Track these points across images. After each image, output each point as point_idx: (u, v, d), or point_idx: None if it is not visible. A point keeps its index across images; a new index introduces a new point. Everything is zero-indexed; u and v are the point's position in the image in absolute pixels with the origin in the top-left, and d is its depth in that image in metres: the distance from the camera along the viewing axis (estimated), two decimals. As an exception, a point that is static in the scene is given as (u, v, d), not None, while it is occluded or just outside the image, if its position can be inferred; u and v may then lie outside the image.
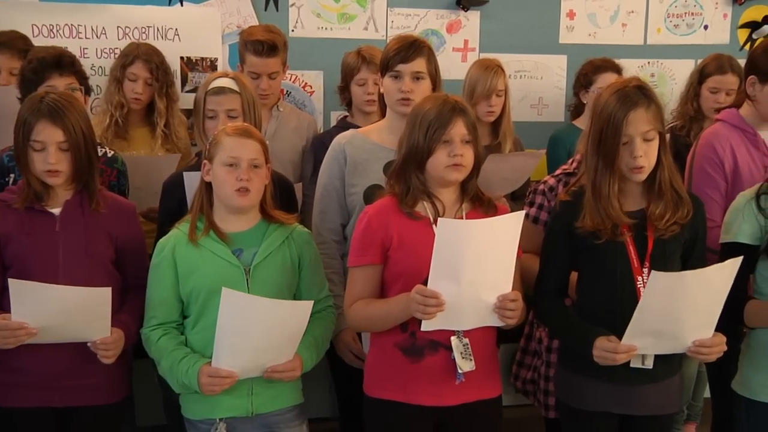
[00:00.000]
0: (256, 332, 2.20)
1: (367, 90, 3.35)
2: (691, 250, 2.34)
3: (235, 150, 2.32)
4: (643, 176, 2.28)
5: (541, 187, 2.80)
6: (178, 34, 3.73)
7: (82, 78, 2.93)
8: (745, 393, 2.42)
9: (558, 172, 2.83)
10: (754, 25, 4.25)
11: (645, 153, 2.24)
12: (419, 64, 2.69)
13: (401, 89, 2.66)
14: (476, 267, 2.15)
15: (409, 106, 2.60)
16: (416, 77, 2.68)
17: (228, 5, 3.79)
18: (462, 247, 2.12)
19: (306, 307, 2.23)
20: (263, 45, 3.32)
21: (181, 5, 3.74)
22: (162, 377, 2.41)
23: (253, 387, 2.34)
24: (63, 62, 2.86)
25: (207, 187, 2.38)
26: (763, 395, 2.37)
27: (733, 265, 2.11)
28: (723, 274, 2.12)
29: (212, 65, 3.78)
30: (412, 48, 2.68)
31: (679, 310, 2.13)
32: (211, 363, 2.26)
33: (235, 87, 2.71)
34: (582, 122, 3.69)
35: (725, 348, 2.19)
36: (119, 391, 2.52)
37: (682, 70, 4.06)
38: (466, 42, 4.07)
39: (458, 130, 2.25)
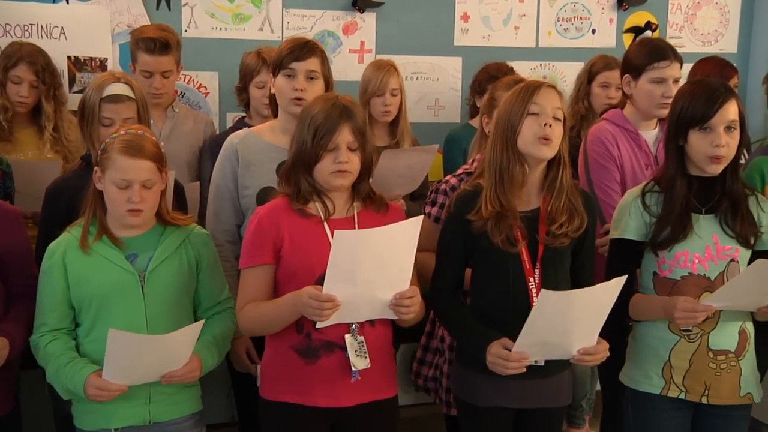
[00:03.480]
0: (147, 360, 2.16)
1: (266, 93, 3.31)
2: (580, 247, 2.40)
3: (126, 172, 2.24)
4: (549, 151, 2.27)
5: (443, 186, 2.83)
6: (64, 33, 3.61)
7: None
8: (631, 384, 2.50)
9: (459, 171, 2.86)
10: (637, 30, 4.43)
11: (553, 128, 2.25)
12: (313, 63, 2.68)
13: (295, 87, 2.64)
14: (373, 270, 2.15)
15: (301, 106, 2.59)
16: (310, 77, 2.67)
17: (117, 4, 3.69)
18: (359, 255, 2.12)
19: (196, 328, 2.18)
20: (155, 43, 3.26)
21: (67, 3, 3.63)
22: (52, 389, 2.32)
23: (152, 395, 2.29)
24: None
25: (99, 192, 2.31)
26: (646, 386, 2.45)
27: (617, 283, 2.16)
28: (608, 291, 2.17)
29: (102, 65, 3.68)
30: (306, 47, 2.68)
31: (566, 324, 2.18)
32: (100, 372, 2.19)
33: (131, 94, 2.64)
34: (478, 122, 3.75)
35: (608, 354, 2.25)
36: (4, 404, 2.41)
37: (572, 73, 4.18)
38: (362, 43, 4.08)
39: (344, 137, 2.24)
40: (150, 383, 2.25)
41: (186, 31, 3.80)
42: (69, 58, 3.63)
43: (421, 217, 2.21)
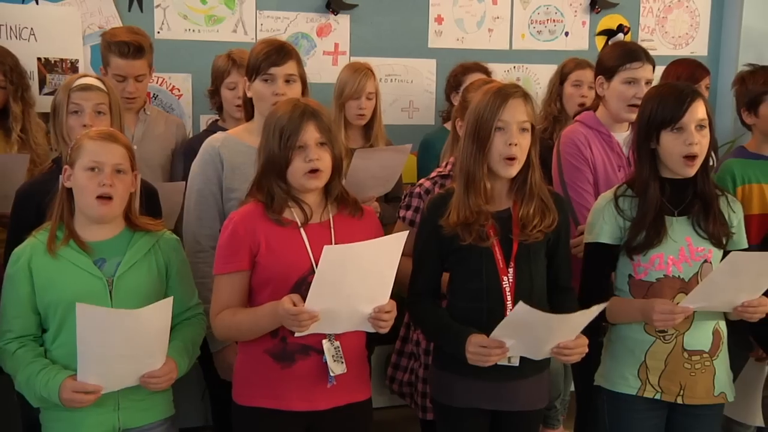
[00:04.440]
0: (120, 342, 2.11)
1: (238, 94, 3.30)
2: (555, 249, 2.41)
3: (98, 154, 2.23)
4: (513, 170, 2.31)
5: (417, 190, 2.83)
6: (33, 34, 3.55)
7: None
8: (606, 385, 2.51)
9: (433, 174, 2.87)
10: (609, 33, 4.47)
11: (519, 143, 2.28)
12: (291, 67, 2.68)
13: (275, 92, 2.64)
14: (357, 284, 2.15)
15: None
16: (288, 80, 2.67)
17: (89, 5, 3.64)
18: (346, 269, 2.11)
19: (166, 305, 2.15)
20: (129, 46, 3.23)
21: (37, 3, 3.57)
22: (21, 395, 2.28)
23: (120, 401, 2.26)
24: None
25: (68, 194, 2.28)
26: (622, 387, 2.47)
27: (597, 310, 2.16)
28: (586, 315, 2.16)
29: (73, 67, 3.62)
30: (283, 51, 2.68)
31: (541, 337, 2.20)
32: (74, 376, 2.15)
33: (101, 86, 2.66)
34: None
35: (586, 350, 2.25)
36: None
37: (545, 75, 4.20)
38: (336, 45, 4.07)
39: (311, 134, 2.24)
40: (118, 390, 2.22)
41: (158, 32, 3.76)
42: (39, 59, 3.56)
43: (407, 232, 2.22)
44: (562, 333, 2.21)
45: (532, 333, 2.20)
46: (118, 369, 2.16)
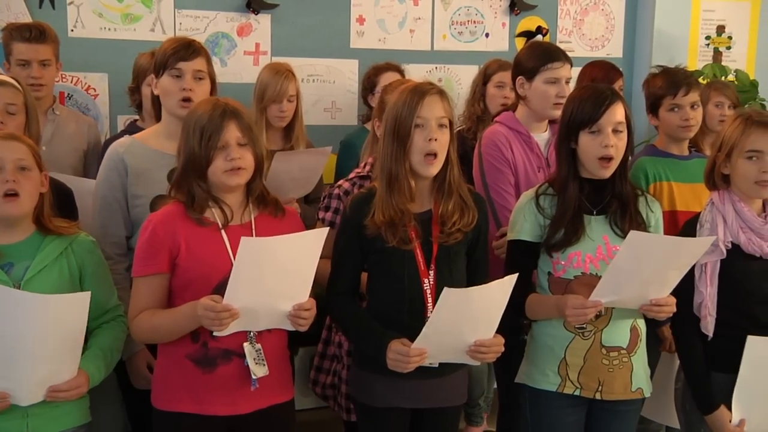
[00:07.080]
0: (28, 336, 2.04)
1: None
2: (474, 247, 2.44)
3: None
4: (434, 169, 2.32)
5: (336, 191, 2.82)
6: (-67, 30, 3.41)
7: None
8: (528, 382, 2.54)
9: (352, 175, 2.86)
10: (529, 34, 4.54)
11: (439, 139, 2.30)
12: (200, 63, 2.64)
13: (183, 87, 2.59)
14: (275, 279, 2.13)
15: (188, 108, 2.55)
16: (197, 77, 2.63)
17: (-5, 0, 3.52)
18: (264, 262, 2.09)
19: (83, 299, 2.09)
20: (31, 30, 3.15)
21: (-62, -1, 3.44)
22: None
23: (28, 408, 2.17)
24: None
25: None
26: (543, 384, 2.50)
27: (510, 281, 2.21)
28: (502, 288, 2.21)
29: (-22, 65, 3.49)
30: (191, 47, 2.63)
31: (464, 322, 2.21)
32: None
33: (16, 84, 2.59)
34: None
35: (502, 349, 2.28)
36: None
37: (467, 75, 4.25)
38: (257, 45, 4.02)
39: (232, 133, 2.22)
40: None
41: (72, 30, 3.66)
42: (-59, 57, 3.43)
43: (327, 228, 2.21)
44: (482, 316, 2.21)
45: (454, 328, 2.20)
46: (24, 375, 2.09)
